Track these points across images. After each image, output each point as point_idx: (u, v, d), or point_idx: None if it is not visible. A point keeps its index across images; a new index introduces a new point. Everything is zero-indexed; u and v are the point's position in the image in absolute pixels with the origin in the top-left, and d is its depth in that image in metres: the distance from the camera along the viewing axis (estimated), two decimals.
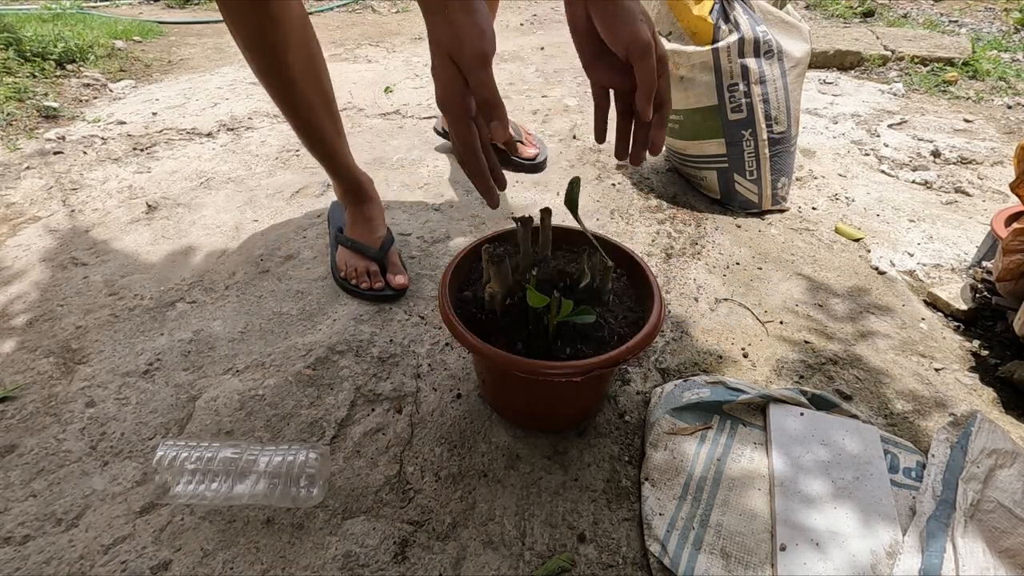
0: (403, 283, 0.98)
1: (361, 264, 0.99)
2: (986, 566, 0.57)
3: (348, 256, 1.00)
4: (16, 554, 0.62)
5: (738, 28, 1.11)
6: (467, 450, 0.74)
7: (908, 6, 3.05)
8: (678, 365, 0.87)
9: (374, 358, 0.87)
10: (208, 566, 0.61)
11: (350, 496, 0.68)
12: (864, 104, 1.85)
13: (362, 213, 1.02)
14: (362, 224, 1.02)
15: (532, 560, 0.62)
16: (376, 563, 0.62)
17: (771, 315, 0.97)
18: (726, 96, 1.15)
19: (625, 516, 0.67)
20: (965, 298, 0.98)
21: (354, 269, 0.99)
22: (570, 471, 0.71)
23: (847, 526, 0.63)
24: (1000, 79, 2.04)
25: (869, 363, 0.88)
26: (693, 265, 1.09)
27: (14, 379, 0.82)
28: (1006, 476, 0.66)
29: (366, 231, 1.01)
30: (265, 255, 1.08)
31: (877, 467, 0.68)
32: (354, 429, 0.76)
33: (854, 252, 1.15)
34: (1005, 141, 1.62)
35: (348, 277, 0.99)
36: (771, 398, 0.76)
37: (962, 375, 0.87)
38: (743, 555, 0.61)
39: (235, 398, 0.80)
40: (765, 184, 1.21)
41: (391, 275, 0.99)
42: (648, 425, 0.75)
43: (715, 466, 0.70)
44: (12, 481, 0.69)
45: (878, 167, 1.47)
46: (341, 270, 1.00)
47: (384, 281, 0.98)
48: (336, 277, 1.01)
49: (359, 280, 0.98)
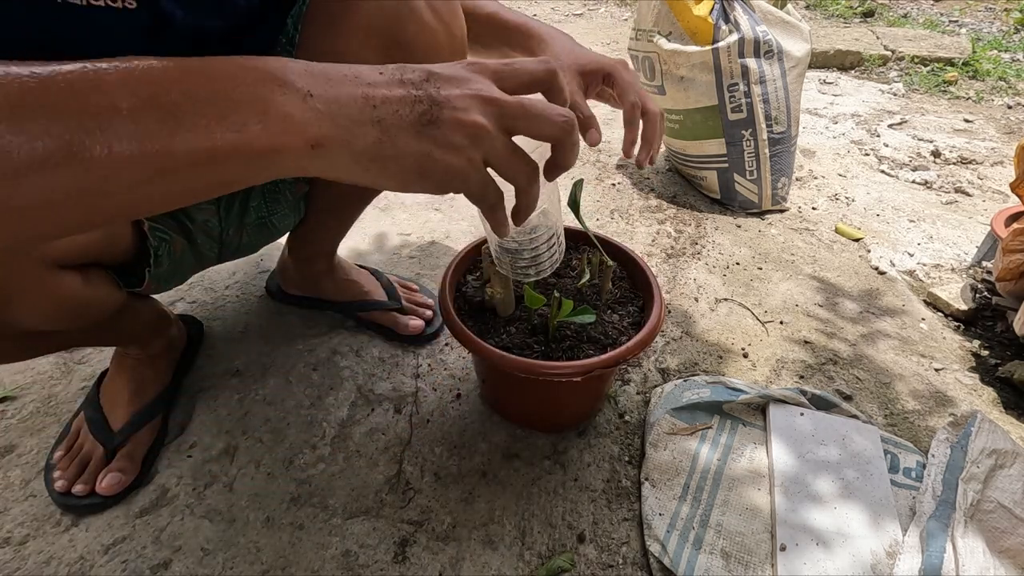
0: (418, 327, 0.87)
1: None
2: (986, 566, 0.57)
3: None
4: (16, 554, 0.62)
5: (738, 28, 1.11)
6: (467, 450, 0.74)
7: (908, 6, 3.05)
8: (678, 365, 0.87)
9: (374, 358, 0.87)
10: (208, 566, 0.61)
11: (350, 496, 0.68)
12: (864, 104, 1.85)
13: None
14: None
15: (532, 560, 0.62)
16: (376, 563, 0.62)
17: (771, 315, 0.97)
18: (726, 96, 1.14)
19: (625, 516, 0.67)
20: (965, 298, 0.98)
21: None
22: (570, 471, 0.71)
23: (847, 526, 0.63)
24: (1000, 79, 2.04)
25: (869, 363, 0.88)
26: (693, 265, 1.09)
27: (14, 379, 0.82)
28: (1006, 476, 0.66)
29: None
30: (265, 255, 1.08)
31: (877, 467, 0.68)
32: (354, 429, 0.76)
33: (854, 252, 1.15)
34: (1005, 141, 1.62)
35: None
36: (771, 398, 0.76)
37: (962, 375, 0.87)
38: (743, 555, 0.61)
39: (235, 397, 0.80)
40: (765, 184, 1.21)
41: (406, 320, 0.87)
42: (648, 425, 0.75)
43: (715, 466, 0.70)
44: (12, 481, 0.69)
45: (878, 167, 1.47)
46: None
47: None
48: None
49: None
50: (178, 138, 0.27)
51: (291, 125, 0.30)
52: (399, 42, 0.57)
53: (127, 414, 0.71)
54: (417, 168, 0.34)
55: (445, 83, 0.34)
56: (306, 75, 0.31)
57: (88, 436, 0.69)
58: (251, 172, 0.31)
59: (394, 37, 0.56)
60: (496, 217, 0.39)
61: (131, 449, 0.69)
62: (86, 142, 0.25)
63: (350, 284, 0.89)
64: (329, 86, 0.32)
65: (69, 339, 0.63)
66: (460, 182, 0.35)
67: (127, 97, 0.26)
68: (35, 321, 0.52)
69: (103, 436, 0.69)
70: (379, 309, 0.88)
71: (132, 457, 0.69)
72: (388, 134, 0.32)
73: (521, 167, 0.37)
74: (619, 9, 3.05)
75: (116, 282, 0.58)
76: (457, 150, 0.34)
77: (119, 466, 0.67)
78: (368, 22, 0.56)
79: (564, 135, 0.37)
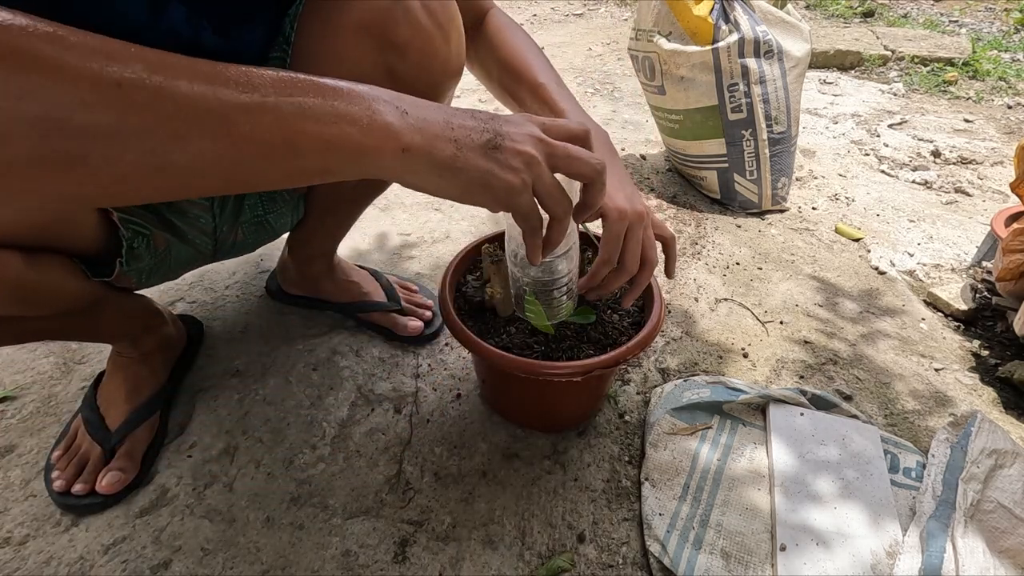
0: (417, 328, 0.88)
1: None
2: (986, 566, 0.57)
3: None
4: (16, 554, 0.62)
5: (738, 28, 1.11)
6: (467, 450, 0.74)
7: (908, 6, 3.05)
8: (678, 365, 0.87)
9: (374, 358, 0.87)
10: (208, 566, 0.61)
11: (350, 496, 0.68)
12: (864, 104, 1.85)
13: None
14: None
15: (532, 560, 0.62)
16: (376, 563, 0.62)
17: (771, 315, 0.97)
18: (726, 96, 1.15)
19: (625, 516, 0.67)
20: (965, 298, 0.98)
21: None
22: (570, 471, 0.71)
23: (847, 526, 0.63)
24: (1000, 79, 2.04)
25: (869, 363, 0.88)
26: (693, 265, 1.09)
27: (14, 379, 0.82)
28: (1006, 476, 0.66)
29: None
30: (265, 255, 1.08)
31: (877, 467, 0.68)
32: (354, 429, 0.76)
33: (854, 252, 1.15)
34: (1005, 141, 1.62)
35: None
36: (771, 398, 0.76)
37: (962, 375, 0.87)
38: (743, 555, 0.61)
39: (235, 397, 0.80)
40: (765, 184, 1.21)
41: (405, 321, 0.88)
42: (648, 425, 0.75)
43: (715, 466, 0.70)
44: (12, 481, 0.69)
45: (878, 167, 1.47)
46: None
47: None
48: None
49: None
50: (307, 126, 0.35)
51: (390, 132, 0.38)
52: (393, 43, 0.57)
53: (123, 413, 0.71)
54: (482, 181, 0.41)
55: (505, 123, 0.43)
56: (399, 98, 0.40)
57: (86, 436, 0.69)
58: (351, 165, 0.38)
59: (388, 38, 0.56)
60: (534, 241, 0.47)
61: (129, 448, 0.69)
62: (239, 120, 0.33)
63: (350, 285, 0.89)
64: (418, 109, 0.40)
65: (42, 329, 0.62)
66: (514, 198, 0.43)
67: (272, 94, 0.34)
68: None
69: (100, 435, 0.69)
70: (379, 310, 0.88)
71: (131, 456, 0.69)
72: (462, 151, 0.40)
73: (561, 198, 0.45)
74: (619, 9, 3.04)
75: (82, 271, 0.57)
76: (514, 171, 0.42)
77: (118, 465, 0.67)
78: (361, 22, 0.56)
79: (596, 176, 0.45)
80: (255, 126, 0.33)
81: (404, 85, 0.59)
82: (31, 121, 0.28)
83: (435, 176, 0.41)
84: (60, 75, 0.28)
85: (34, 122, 0.28)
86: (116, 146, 0.30)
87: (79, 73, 0.29)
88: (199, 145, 0.32)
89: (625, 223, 0.56)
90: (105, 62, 0.30)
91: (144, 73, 0.30)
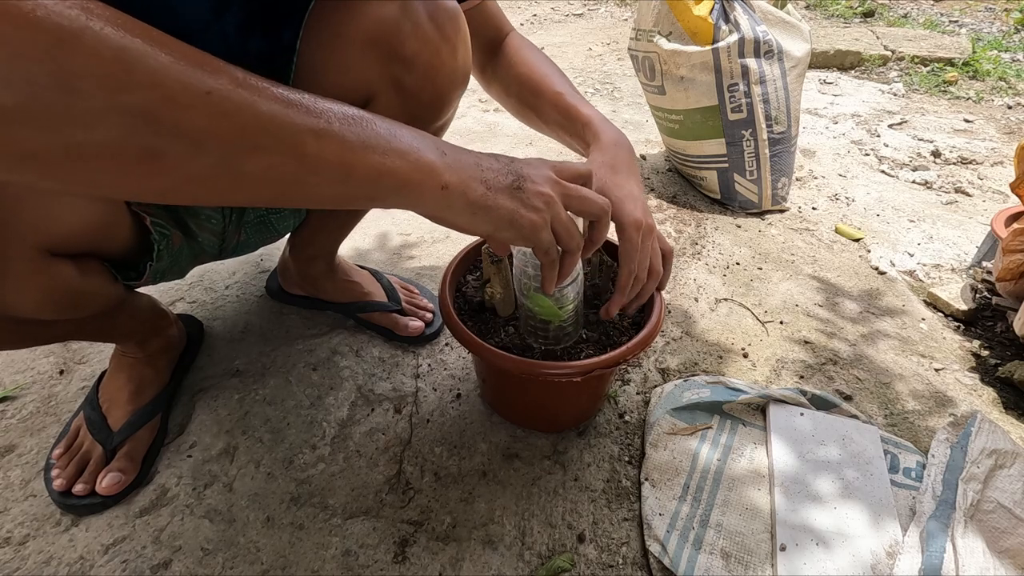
0: (418, 328, 0.88)
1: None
2: (986, 566, 0.57)
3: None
4: (16, 554, 0.62)
5: (738, 28, 1.11)
6: (467, 450, 0.74)
7: (908, 6, 3.05)
8: (678, 365, 0.87)
9: (374, 358, 0.87)
10: (208, 566, 0.61)
11: (350, 496, 0.68)
12: (864, 104, 1.85)
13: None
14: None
15: (532, 560, 0.62)
16: (376, 563, 0.62)
17: (771, 315, 0.97)
18: (726, 96, 1.15)
19: (625, 516, 0.67)
20: (965, 298, 0.98)
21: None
22: (570, 471, 0.71)
23: (847, 526, 0.63)
24: (1000, 79, 2.04)
25: (869, 363, 0.88)
26: (693, 265, 1.09)
27: (14, 379, 0.82)
28: (1006, 476, 0.66)
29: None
30: (265, 255, 1.08)
31: (877, 467, 0.68)
32: (354, 429, 0.76)
33: (854, 252, 1.15)
34: (1005, 141, 1.62)
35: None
36: (771, 398, 0.76)
37: (962, 375, 0.87)
38: (743, 555, 0.61)
39: (235, 397, 0.80)
40: (765, 184, 1.21)
41: (406, 321, 0.88)
42: (648, 425, 0.75)
43: (715, 466, 0.70)
44: (12, 481, 0.69)
45: (878, 167, 1.47)
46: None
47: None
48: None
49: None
50: (365, 156, 0.38)
51: (433, 169, 0.41)
52: (401, 57, 0.57)
53: (126, 414, 0.70)
54: (509, 219, 0.45)
55: (525, 165, 0.47)
56: (436, 140, 0.43)
57: (87, 436, 0.69)
58: (394, 196, 0.40)
59: (396, 51, 0.56)
60: (551, 273, 0.51)
61: (130, 449, 0.69)
62: (308, 141, 0.35)
63: (350, 285, 0.89)
64: (453, 152, 0.43)
65: (68, 331, 0.63)
66: (537, 234, 0.46)
67: (335, 121, 0.36)
68: (25, 308, 0.51)
69: (102, 436, 0.68)
70: (379, 310, 0.88)
71: (132, 457, 0.69)
72: (491, 191, 0.44)
73: (575, 234, 0.49)
74: (619, 9, 3.04)
75: (113, 275, 0.58)
76: (536, 210, 0.46)
77: (119, 466, 0.67)
78: (369, 35, 0.56)
79: (603, 214, 0.51)
80: (322, 149, 0.36)
81: (410, 96, 0.60)
82: (124, 111, 0.29)
83: (468, 213, 0.43)
84: (159, 75, 0.30)
85: (127, 113, 0.29)
86: (195, 148, 0.32)
87: (176, 75, 0.30)
88: (269, 159, 0.34)
89: (640, 234, 0.58)
90: (199, 70, 0.31)
91: (231, 85, 0.32)
